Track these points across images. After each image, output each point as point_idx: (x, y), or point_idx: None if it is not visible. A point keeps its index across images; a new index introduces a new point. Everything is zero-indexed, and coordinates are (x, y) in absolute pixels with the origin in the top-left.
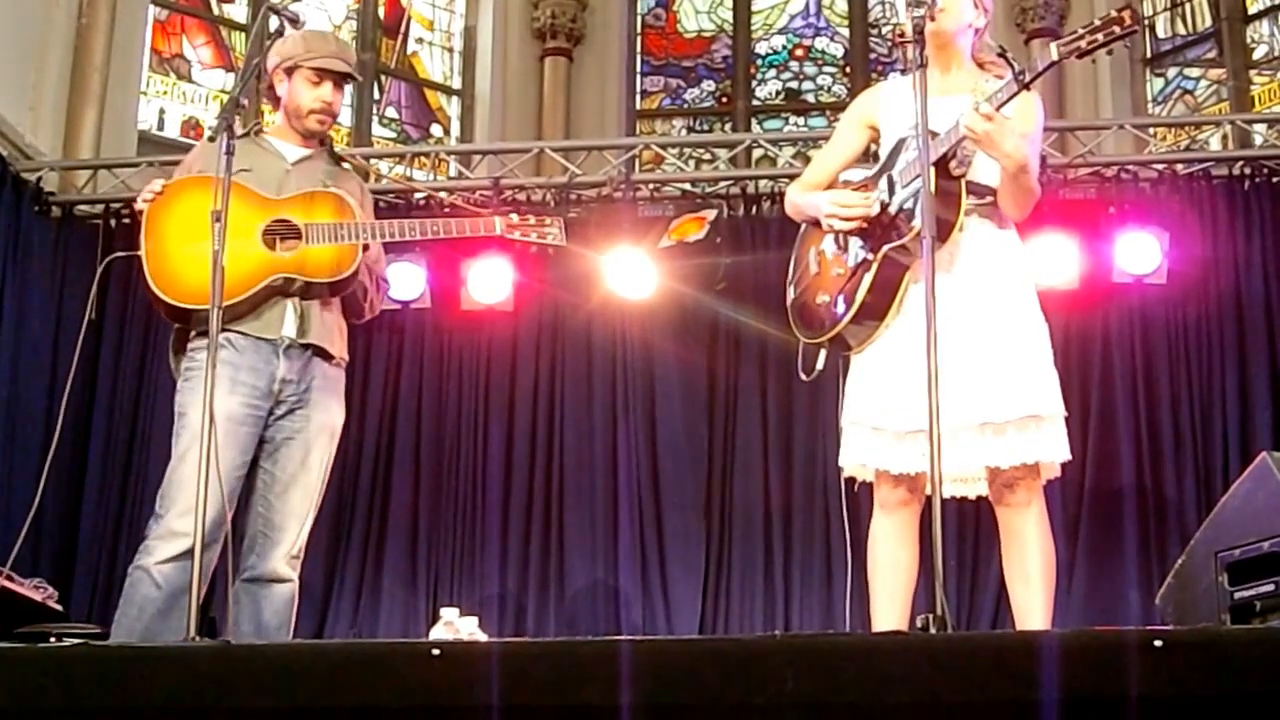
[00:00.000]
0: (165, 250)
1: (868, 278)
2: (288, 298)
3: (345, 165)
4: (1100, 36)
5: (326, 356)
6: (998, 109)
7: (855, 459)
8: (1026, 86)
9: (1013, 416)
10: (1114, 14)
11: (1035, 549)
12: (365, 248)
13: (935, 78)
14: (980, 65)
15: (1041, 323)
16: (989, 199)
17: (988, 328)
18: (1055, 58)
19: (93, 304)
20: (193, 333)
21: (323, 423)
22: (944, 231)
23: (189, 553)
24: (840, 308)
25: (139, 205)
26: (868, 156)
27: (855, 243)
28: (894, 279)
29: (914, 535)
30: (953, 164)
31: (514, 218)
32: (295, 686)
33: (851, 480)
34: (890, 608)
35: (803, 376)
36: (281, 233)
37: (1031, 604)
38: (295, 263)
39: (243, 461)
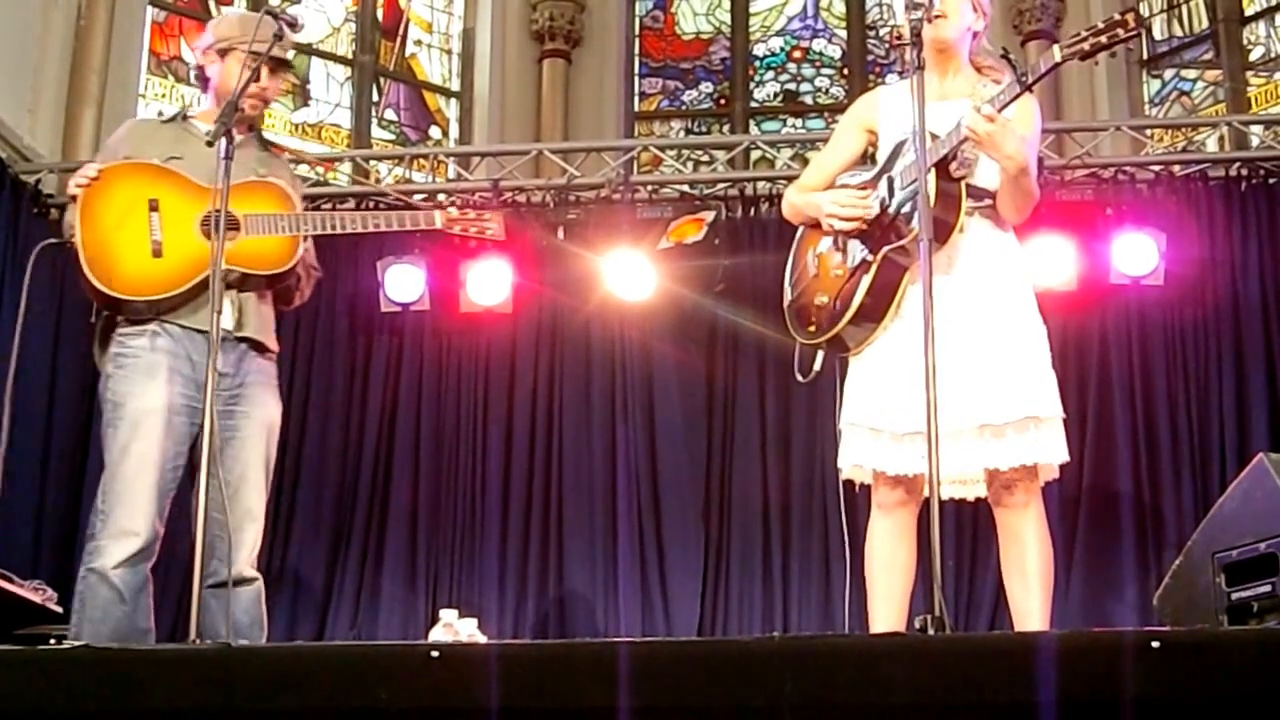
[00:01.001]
0: (101, 238)
1: (866, 279)
2: (226, 289)
3: (277, 152)
4: (1104, 39)
5: (261, 350)
6: (999, 110)
7: (853, 460)
8: (1029, 88)
9: (1011, 418)
10: (1117, 17)
11: (1033, 550)
12: (304, 239)
13: (934, 82)
14: (978, 69)
15: (1040, 325)
16: (988, 202)
17: (986, 329)
18: (1058, 59)
19: (34, 290)
20: (122, 320)
21: (263, 419)
22: (944, 233)
23: (140, 553)
24: (839, 309)
25: (72, 190)
26: (866, 160)
27: (854, 244)
28: (893, 281)
29: (911, 536)
30: (953, 166)
31: (453, 211)
32: (295, 689)
33: (850, 482)
34: (888, 608)
35: (799, 378)
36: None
37: (1030, 605)
38: (233, 254)
39: (178, 453)
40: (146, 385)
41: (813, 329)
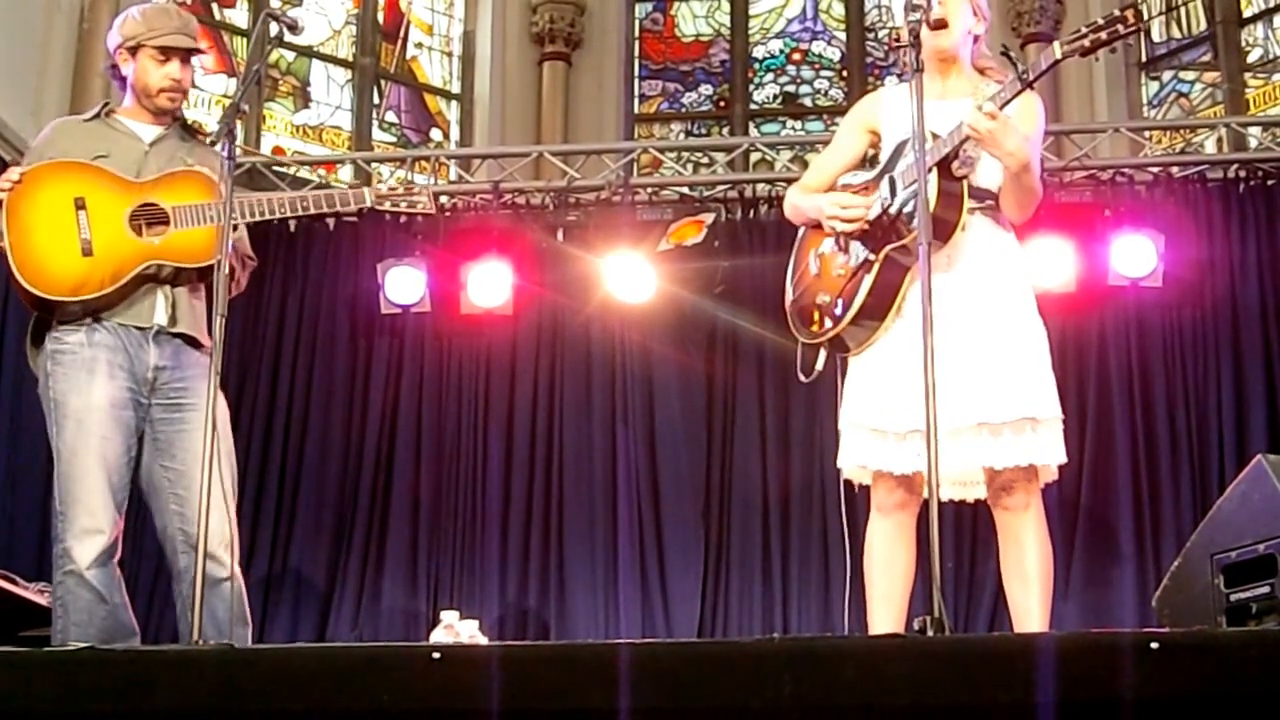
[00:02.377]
0: (29, 240)
1: (868, 279)
2: (159, 285)
3: (201, 138)
4: (1104, 35)
5: (195, 345)
6: (1001, 108)
7: (855, 460)
8: (1030, 85)
9: (1010, 418)
10: (1117, 13)
11: (1033, 551)
12: (234, 228)
13: (935, 83)
14: (980, 71)
15: (1040, 326)
16: (989, 202)
17: (987, 329)
18: (1059, 56)
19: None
20: (56, 322)
21: (219, 413)
22: (946, 232)
23: (108, 550)
24: (840, 309)
25: None
26: (866, 161)
27: (856, 244)
28: (895, 281)
29: (911, 537)
30: (955, 165)
31: (382, 188)
32: (297, 690)
33: (850, 482)
34: (887, 609)
35: (801, 378)
36: (148, 217)
37: (1029, 606)
38: (164, 249)
39: (128, 445)
40: (88, 382)
41: (815, 328)
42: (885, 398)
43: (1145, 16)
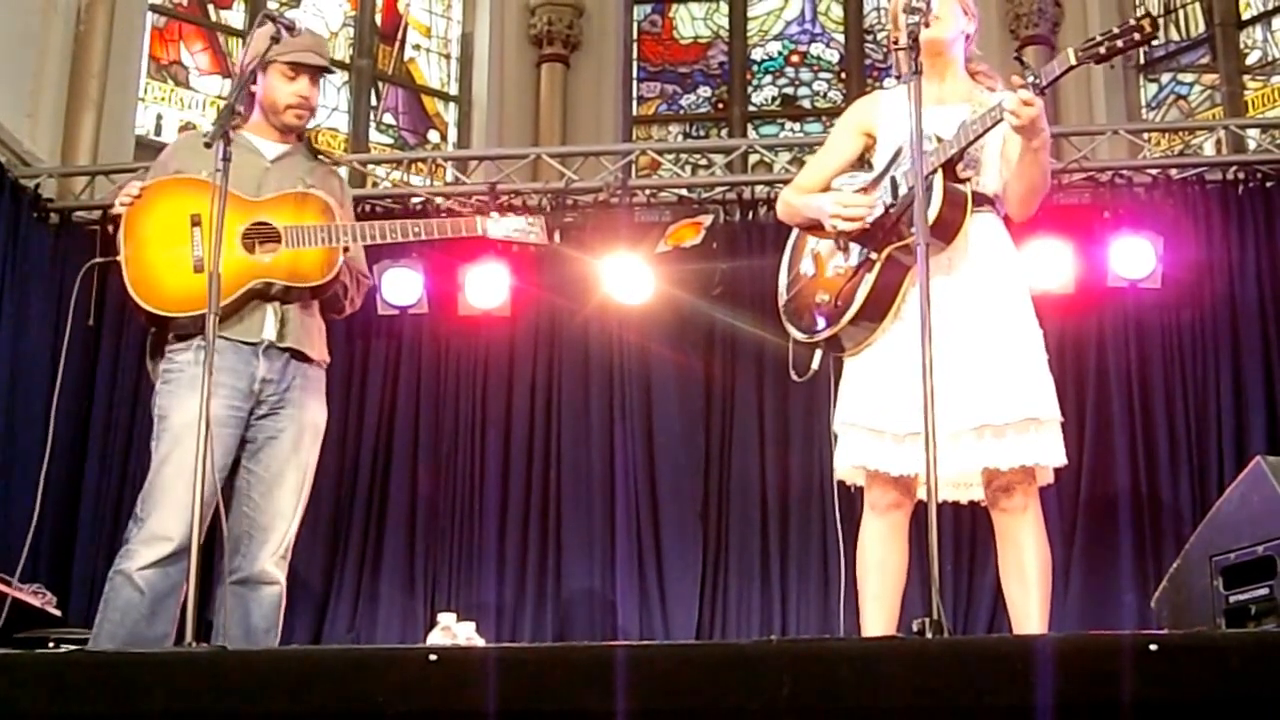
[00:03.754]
0: (144, 256)
1: (869, 279)
2: (268, 301)
3: (324, 160)
4: (1119, 43)
5: (305, 359)
6: (1039, 93)
7: (852, 461)
8: (1042, 91)
9: (1011, 419)
10: (1132, 22)
11: (1032, 553)
12: (345, 249)
13: (931, 86)
14: (972, 75)
15: (1037, 327)
16: (987, 205)
17: (985, 331)
18: (1073, 62)
19: (80, 310)
20: (171, 336)
21: (306, 422)
22: (950, 234)
23: (171, 557)
24: (839, 308)
25: (117, 209)
26: (861, 163)
27: (856, 244)
28: (895, 281)
29: (904, 537)
30: (960, 168)
31: (495, 216)
32: (292, 692)
33: (843, 482)
34: (879, 609)
35: (795, 377)
36: (261, 236)
37: (1029, 607)
38: (275, 267)
39: (225, 464)
40: (190, 399)
41: (810, 328)
42: (883, 398)
43: (1137, 20)
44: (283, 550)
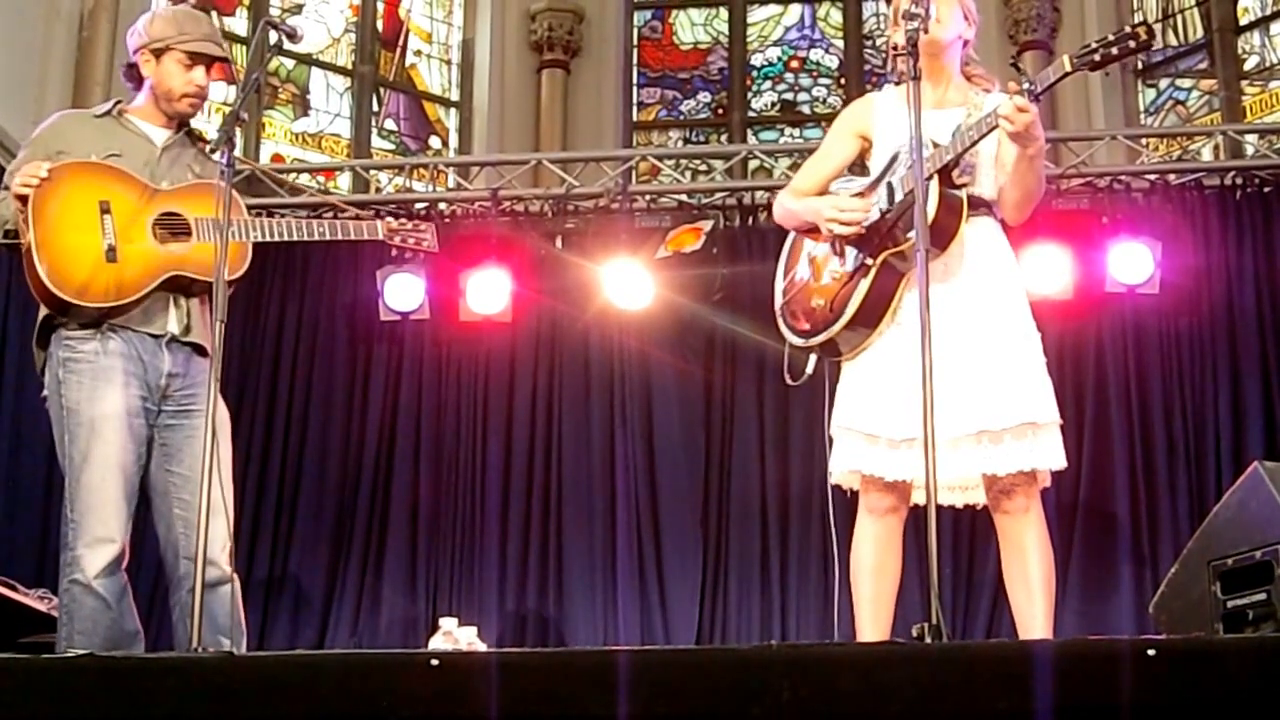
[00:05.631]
0: (54, 240)
1: (864, 283)
2: (173, 294)
3: (203, 146)
4: (1115, 50)
5: (205, 354)
6: (1033, 99)
7: (847, 465)
8: (1037, 98)
9: (1010, 424)
10: (1129, 29)
11: (1035, 556)
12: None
13: (927, 91)
14: (968, 79)
15: (1035, 331)
16: (984, 210)
17: (983, 336)
18: (1069, 69)
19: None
20: (72, 324)
21: (220, 419)
22: (945, 239)
23: (118, 560)
24: (834, 313)
25: (19, 190)
26: (858, 167)
27: (851, 249)
28: (890, 286)
29: (899, 541)
30: (956, 173)
31: (392, 221)
32: (296, 696)
33: (838, 487)
34: (874, 613)
35: (789, 381)
36: (171, 227)
37: (1033, 610)
38: (187, 259)
39: (139, 454)
40: (103, 390)
41: (806, 332)
42: (879, 403)
43: (1134, 26)
44: (223, 544)
